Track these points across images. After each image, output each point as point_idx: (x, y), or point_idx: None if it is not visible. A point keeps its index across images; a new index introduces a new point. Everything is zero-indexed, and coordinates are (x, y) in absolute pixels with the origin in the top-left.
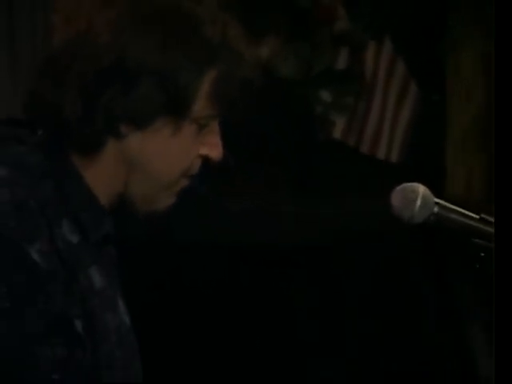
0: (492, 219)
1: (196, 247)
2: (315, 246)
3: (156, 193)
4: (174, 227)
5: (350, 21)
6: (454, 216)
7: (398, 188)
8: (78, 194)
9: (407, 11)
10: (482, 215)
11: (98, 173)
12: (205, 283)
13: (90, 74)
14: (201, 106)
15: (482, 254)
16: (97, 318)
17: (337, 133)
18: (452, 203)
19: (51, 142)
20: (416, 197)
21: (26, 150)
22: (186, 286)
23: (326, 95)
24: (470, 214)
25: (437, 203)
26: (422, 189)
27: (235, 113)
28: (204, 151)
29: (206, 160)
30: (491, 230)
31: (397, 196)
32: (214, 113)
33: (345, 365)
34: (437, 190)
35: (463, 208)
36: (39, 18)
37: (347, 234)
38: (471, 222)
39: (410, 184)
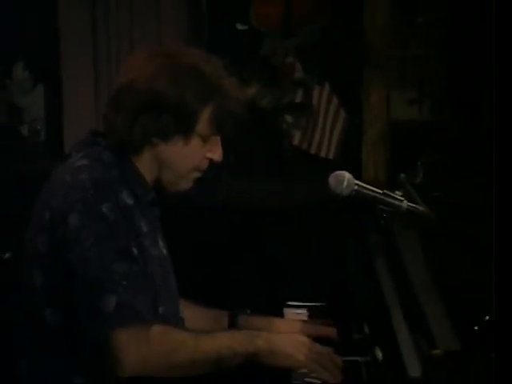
0: (390, 192)
1: (207, 209)
2: (281, 210)
3: (177, 180)
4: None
5: (304, 73)
6: (366, 191)
7: (333, 174)
8: (133, 176)
9: (339, 67)
10: (384, 191)
11: (143, 165)
12: (211, 230)
13: (135, 106)
14: (203, 127)
15: (385, 215)
16: (145, 250)
17: (295, 141)
18: (366, 184)
19: (116, 145)
20: (343, 179)
21: (100, 150)
22: (201, 229)
23: (288, 118)
24: (377, 190)
25: (356, 184)
26: (347, 174)
27: (227, 132)
28: (209, 155)
29: (211, 160)
30: (391, 200)
31: (332, 179)
32: (214, 131)
33: (303, 282)
34: (356, 175)
35: (372, 186)
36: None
37: (301, 202)
38: (377, 195)
39: (340, 171)
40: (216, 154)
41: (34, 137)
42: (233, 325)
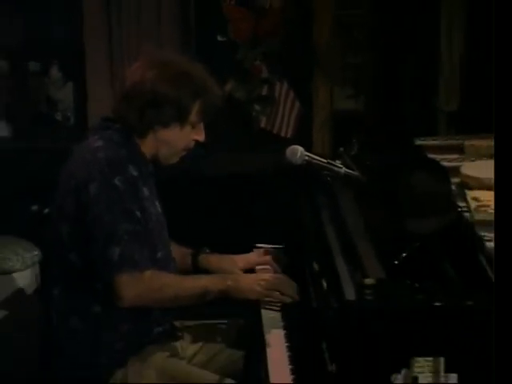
0: (332, 162)
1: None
2: (251, 175)
3: (170, 156)
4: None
5: (268, 73)
6: (315, 161)
7: (289, 148)
8: (137, 154)
9: (295, 69)
10: (328, 160)
11: (145, 145)
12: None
13: (142, 103)
14: (194, 116)
15: (329, 179)
16: (146, 210)
17: (262, 124)
18: (314, 155)
19: (124, 129)
20: (297, 152)
21: (111, 133)
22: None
23: (257, 107)
24: (322, 159)
25: (307, 155)
26: (300, 148)
27: (210, 119)
28: (195, 137)
29: (197, 141)
30: (333, 167)
31: (288, 151)
32: (200, 119)
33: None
34: (308, 149)
35: (319, 157)
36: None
37: (267, 169)
38: (323, 164)
39: (294, 146)
40: (201, 136)
41: (66, 122)
42: (194, 262)
